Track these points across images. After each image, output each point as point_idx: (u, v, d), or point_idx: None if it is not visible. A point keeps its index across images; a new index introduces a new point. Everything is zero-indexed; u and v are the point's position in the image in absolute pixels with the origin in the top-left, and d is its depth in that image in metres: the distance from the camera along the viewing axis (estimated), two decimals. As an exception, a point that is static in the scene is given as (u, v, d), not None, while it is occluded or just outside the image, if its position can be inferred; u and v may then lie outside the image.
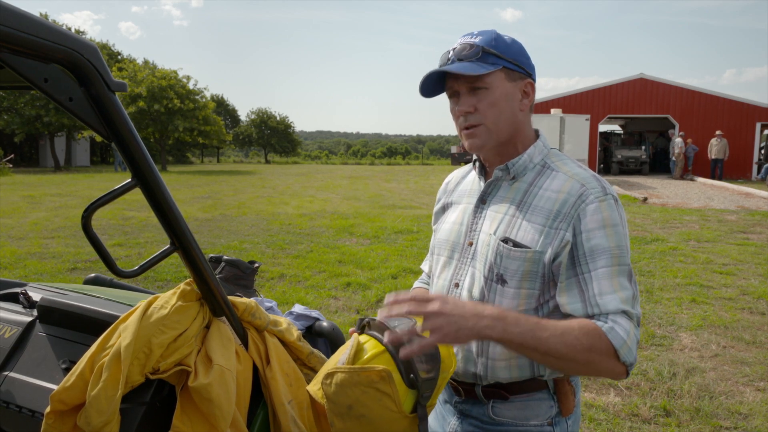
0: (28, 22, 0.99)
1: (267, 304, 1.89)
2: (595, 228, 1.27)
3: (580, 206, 1.28)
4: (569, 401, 1.39)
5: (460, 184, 1.57)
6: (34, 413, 1.46)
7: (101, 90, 1.13)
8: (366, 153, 69.44)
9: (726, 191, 17.90)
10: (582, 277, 1.27)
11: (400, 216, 11.71)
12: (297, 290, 6.09)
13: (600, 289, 1.25)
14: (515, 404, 1.37)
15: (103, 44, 38.93)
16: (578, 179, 1.32)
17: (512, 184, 1.40)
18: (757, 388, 3.94)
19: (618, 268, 1.27)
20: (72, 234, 9.21)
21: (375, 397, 1.20)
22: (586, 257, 1.26)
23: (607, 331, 1.21)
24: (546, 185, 1.35)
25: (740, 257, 7.97)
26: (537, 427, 1.37)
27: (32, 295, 1.84)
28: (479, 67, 1.30)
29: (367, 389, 1.20)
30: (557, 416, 1.38)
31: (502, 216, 1.37)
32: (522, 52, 1.37)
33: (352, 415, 1.21)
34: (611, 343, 1.20)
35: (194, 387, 1.37)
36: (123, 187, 1.25)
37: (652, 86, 25.15)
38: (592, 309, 1.25)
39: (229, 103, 62.87)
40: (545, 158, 1.40)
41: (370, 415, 1.21)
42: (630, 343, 1.22)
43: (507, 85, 1.34)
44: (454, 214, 1.51)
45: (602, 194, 1.29)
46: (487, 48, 1.31)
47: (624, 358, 1.21)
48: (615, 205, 1.30)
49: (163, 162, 30.98)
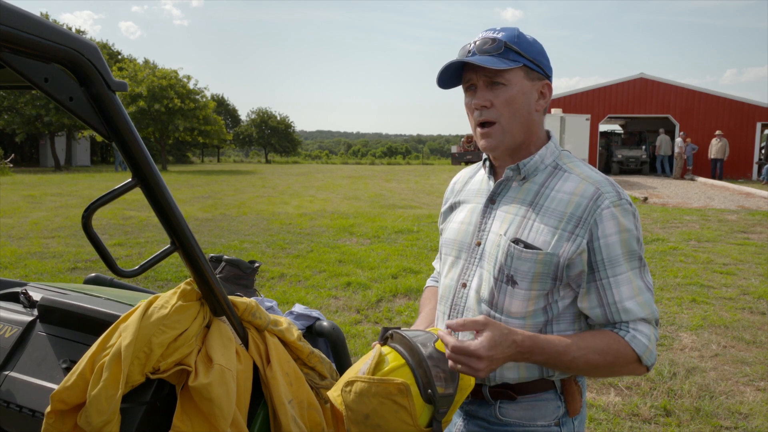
0: (28, 22, 0.99)
1: (267, 303, 1.89)
2: (612, 233, 1.28)
3: (596, 211, 1.28)
4: (576, 401, 1.39)
5: (468, 184, 1.56)
6: (35, 413, 1.47)
7: (102, 89, 1.13)
8: (366, 153, 69.44)
9: (726, 191, 17.89)
10: (601, 283, 1.29)
11: (401, 216, 11.71)
12: (297, 290, 6.09)
13: (620, 295, 1.28)
14: (522, 405, 1.36)
15: (104, 44, 38.91)
16: (592, 182, 1.32)
17: (522, 185, 1.39)
18: (758, 388, 3.94)
19: (635, 272, 1.30)
20: (72, 234, 9.21)
21: (392, 409, 1.21)
22: (604, 263, 1.28)
23: (629, 340, 1.27)
24: (558, 187, 1.34)
25: (741, 257, 7.97)
26: (544, 428, 1.37)
27: (33, 295, 1.84)
28: (500, 62, 1.29)
29: (385, 400, 1.21)
30: (564, 416, 1.38)
31: (512, 217, 1.36)
32: (543, 53, 1.36)
33: (369, 425, 1.23)
34: (635, 352, 1.27)
35: (195, 387, 1.37)
36: (123, 186, 1.25)
37: (653, 86, 25.14)
38: (612, 316, 1.30)
39: (229, 103, 62.85)
40: (557, 159, 1.40)
41: (386, 426, 1.22)
42: (651, 347, 1.29)
43: (525, 83, 1.33)
44: (462, 214, 1.49)
45: (617, 199, 1.30)
46: (510, 44, 1.31)
47: (646, 362, 1.29)
48: (630, 208, 1.31)
49: (164, 162, 30.98)
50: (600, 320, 1.31)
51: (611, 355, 1.26)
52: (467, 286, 1.42)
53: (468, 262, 1.43)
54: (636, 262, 1.30)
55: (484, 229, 1.41)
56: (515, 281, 1.32)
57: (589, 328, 1.36)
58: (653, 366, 1.31)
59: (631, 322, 1.29)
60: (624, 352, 1.27)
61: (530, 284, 1.32)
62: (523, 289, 1.32)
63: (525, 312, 1.33)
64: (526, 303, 1.33)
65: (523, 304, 1.33)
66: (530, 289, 1.32)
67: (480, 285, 1.39)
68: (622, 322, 1.29)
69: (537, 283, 1.31)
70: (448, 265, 1.49)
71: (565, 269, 1.30)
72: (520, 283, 1.32)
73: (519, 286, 1.32)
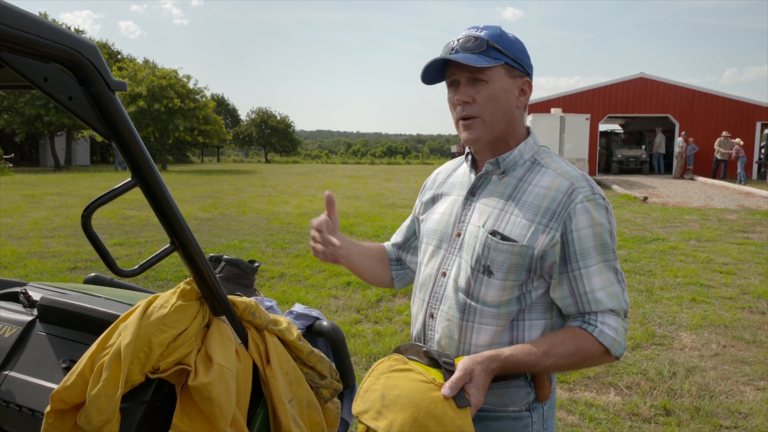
0: (28, 21, 0.99)
1: (267, 303, 1.90)
2: (585, 227, 1.33)
3: (570, 205, 1.33)
4: (545, 388, 1.44)
5: (451, 176, 1.60)
6: (35, 412, 1.47)
7: (101, 89, 1.13)
8: (366, 152, 69.38)
9: (726, 190, 17.89)
10: (573, 275, 1.34)
11: (401, 215, 11.71)
12: (297, 289, 6.09)
13: (591, 286, 1.34)
14: (494, 391, 1.40)
15: (103, 43, 38.90)
16: (567, 177, 1.37)
17: (502, 179, 1.44)
18: (758, 388, 3.94)
19: (606, 264, 1.35)
20: (72, 233, 9.21)
21: (400, 376, 1.22)
22: (577, 255, 1.33)
23: (597, 335, 1.33)
24: (535, 181, 1.39)
25: (740, 256, 7.97)
26: (515, 413, 1.42)
27: (32, 295, 1.84)
28: (482, 59, 1.33)
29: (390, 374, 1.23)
30: (534, 402, 1.43)
31: (491, 209, 1.41)
32: (524, 51, 1.41)
33: (386, 403, 1.19)
34: (603, 345, 1.33)
35: (194, 386, 1.37)
36: (123, 186, 1.25)
37: (653, 86, 25.12)
38: (583, 306, 1.35)
39: (229, 103, 62.84)
40: (535, 155, 1.45)
41: (403, 392, 1.20)
42: (619, 339, 1.34)
43: (507, 80, 1.37)
44: (444, 205, 1.54)
45: (591, 194, 1.35)
46: (492, 42, 1.35)
47: (615, 353, 1.35)
48: (603, 203, 1.36)
49: (163, 161, 30.99)
50: (571, 310, 1.37)
51: (580, 355, 1.33)
52: (447, 275, 1.46)
53: (448, 252, 1.47)
54: (608, 254, 1.35)
55: (464, 221, 1.46)
56: (491, 271, 1.37)
57: (561, 319, 1.42)
58: (622, 355, 1.36)
59: (599, 313, 1.34)
60: (592, 349, 1.33)
61: (505, 275, 1.36)
62: (498, 279, 1.37)
63: (499, 301, 1.38)
64: (500, 292, 1.37)
65: (498, 293, 1.38)
66: (505, 279, 1.36)
67: (458, 274, 1.43)
68: (592, 312, 1.34)
69: (512, 273, 1.36)
70: (428, 255, 1.53)
71: (538, 260, 1.35)
72: (495, 273, 1.37)
73: (495, 276, 1.37)
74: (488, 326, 1.39)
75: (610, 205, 1.39)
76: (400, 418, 1.15)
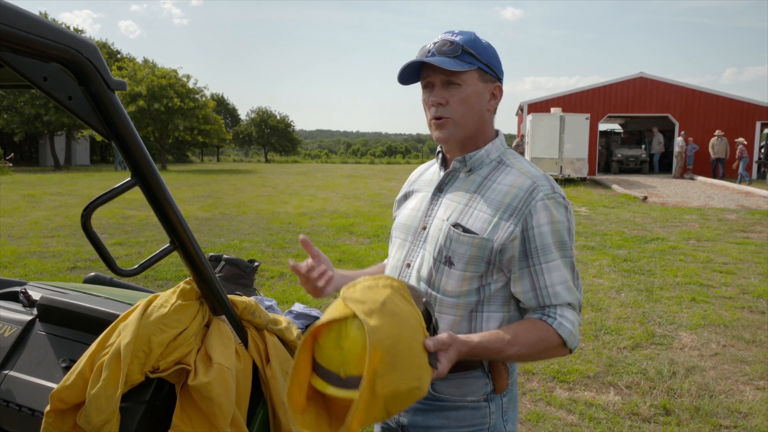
0: (27, 21, 0.99)
1: (267, 303, 1.90)
2: (544, 224, 1.38)
3: (531, 202, 1.39)
4: (503, 379, 1.47)
5: (423, 175, 1.67)
6: (34, 412, 1.47)
7: (101, 89, 1.13)
8: (366, 152, 69.42)
9: (726, 190, 17.90)
10: (534, 269, 1.40)
11: (400, 215, 11.69)
12: (297, 289, 6.09)
13: (551, 280, 1.39)
14: (453, 382, 1.44)
15: (103, 43, 38.87)
16: (530, 176, 1.43)
17: (468, 176, 1.49)
18: (757, 387, 3.95)
19: (565, 260, 1.41)
20: (72, 233, 9.21)
21: (402, 299, 1.22)
22: (537, 251, 1.39)
23: (557, 327, 1.38)
24: (500, 179, 1.45)
25: (740, 256, 7.97)
26: (473, 403, 1.46)
27: (32, 294, 1.84)
28: (457, 63, 1.39)
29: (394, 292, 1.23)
30: (492, 393, 1.47)
31: (456, 204, 1.47)
32: (496, 57, 1.47)
33: (386, 312, 1.18)
34: (561, 337, 1.39)
35: (194, 386, 1.37)
36: (123, 185, 1.25)
37: (652, 85, 25.12)
38: (543, 300, 1.40)
39: (229, 102, 62.83)
40: (501, 155, 1.50)
41: (401, 313, 1.19)
42: (575, 332, 1.41)
43: (479, 84, 1.43)
44: (414, 201, 1.60)
45: (551, 192, 1.40)
46: (466, 47, 1.41)
47: (570, 345, 1.40)
48: (563, 202, 1.42)
49: (163, 161, 30.98)
50: (531, 304, 1.42)
51: (542, 345, 1.38)
52: (411, 266, 1.51)
53: (413, 244, 1.53)
54: (566, 251, 1.41)
55: (430, 215, 1.51)
56: (452, 262, 1.42)
57: (519, 312, 1.47)
58: (576, 348, 1.42)
59: (558, 306, 1.40)
60: (552, 340, 1.38)
61: (465, 266, 1.41)
62: (458, 270, 1.42)
63: (459, 291, 1.43)
64: (460, 283, 1.42)
65: (457, 283, 1.43)
66: (465, 270, 1.41)
67: (421, 265, 1.48)
68: (552, 305, 1.40)
69: (471, 265, 1.41)
70: (396, 247, 1.59)
71: (498, 254, 1.40)
72: (456, 264, 1.42)
73: (455, 267, 1.42)
74: (447, 316, 1.43)
75: (570, 205, 1.45)
76: (388, 330, 1.15)
